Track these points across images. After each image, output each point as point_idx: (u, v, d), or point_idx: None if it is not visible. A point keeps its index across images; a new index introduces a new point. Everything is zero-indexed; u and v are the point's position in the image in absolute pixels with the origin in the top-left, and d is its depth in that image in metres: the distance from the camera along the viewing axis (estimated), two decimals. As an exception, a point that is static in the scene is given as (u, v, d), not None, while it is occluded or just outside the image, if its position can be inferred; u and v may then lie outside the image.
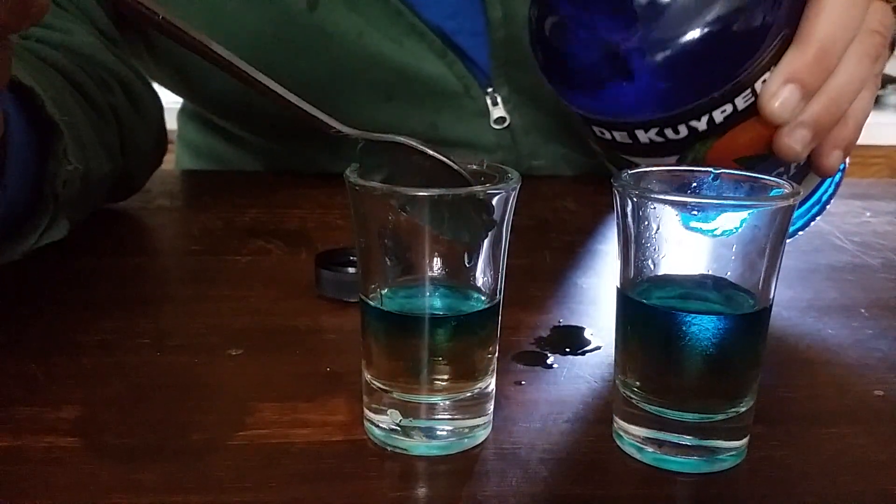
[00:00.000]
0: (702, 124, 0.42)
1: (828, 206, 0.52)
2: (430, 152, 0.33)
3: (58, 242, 0.47)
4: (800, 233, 0.52)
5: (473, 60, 0.70)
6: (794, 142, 0.43)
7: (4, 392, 0.37)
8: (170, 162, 0.83)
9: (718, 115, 0.42)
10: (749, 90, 0.42)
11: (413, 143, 0.33)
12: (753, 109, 0.42)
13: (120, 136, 0.57)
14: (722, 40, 0.40)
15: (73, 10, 0.61)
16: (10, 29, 0.30)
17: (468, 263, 0.33)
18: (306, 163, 0.75)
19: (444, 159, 0.33)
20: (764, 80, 0.42)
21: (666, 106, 0.42)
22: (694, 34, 0.40)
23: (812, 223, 0.52)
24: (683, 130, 0.42)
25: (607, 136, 0.45)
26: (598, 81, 0.43)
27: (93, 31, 0.61)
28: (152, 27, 0.30)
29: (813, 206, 0.51)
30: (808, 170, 0.47)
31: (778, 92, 0.42)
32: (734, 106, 0.42)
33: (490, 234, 0.32)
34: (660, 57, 0.40)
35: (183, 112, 0.87)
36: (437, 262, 0.32)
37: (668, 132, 0.43)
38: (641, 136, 0.43)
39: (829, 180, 0.51)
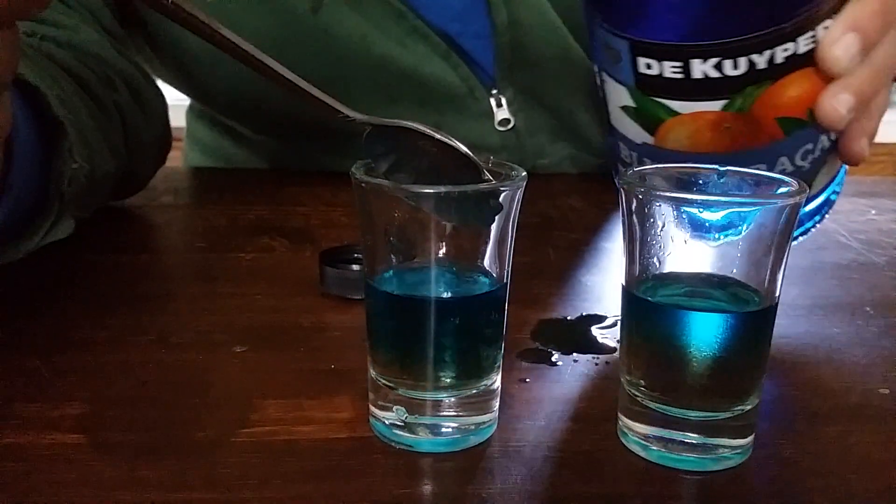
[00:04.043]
0: (762, 60, 0.41)
1: (833, 206, 0.52)
2: (438, 136, 0.33)
3: (62, 239, 0.48)
4: (812, 230, 0.52)
5: (478, 62, 0.69)
6: (839, 103, 0.43)
7: (9, 389, 0.37)
8: (177, 159, 0.83)
9: (780, 55, 0.41)
10: (811, 33, 0.41)
11: (420, 127, 0.33)
12: (811, 58, 0.42)
13: (124, 134, 0.57)
14: None
15: (79, 9, 0.61)
16: (16, 14, 0.29)
17: (474, 259, 0.33)
18: (311, 161, 0.75)
19: (452, 142, 0.33)
20: (826, 27, 0.42)
21: (730, 30, 0.41)
22: None
23: (820, 223, 0.52)
24: (743, 65, 0.41)
25: (654, 70, 0.43)
26: None
27: (98, 30, 0.61)
28: (163, 13, 0.30)
29: (822, 205, 0.51)
30: (823, 165, 0.47)
31: (840, 39, 0.42)
32: (796, 46, 0.41)
33: (496, 230, 0.32)
34: None
35: (191, 110, 0.88)
36: (443, 259, 0.32)
37: (727, 65, 0.41)
38: (696, 68, 0.42)
39: (836, 178, 0.51)
